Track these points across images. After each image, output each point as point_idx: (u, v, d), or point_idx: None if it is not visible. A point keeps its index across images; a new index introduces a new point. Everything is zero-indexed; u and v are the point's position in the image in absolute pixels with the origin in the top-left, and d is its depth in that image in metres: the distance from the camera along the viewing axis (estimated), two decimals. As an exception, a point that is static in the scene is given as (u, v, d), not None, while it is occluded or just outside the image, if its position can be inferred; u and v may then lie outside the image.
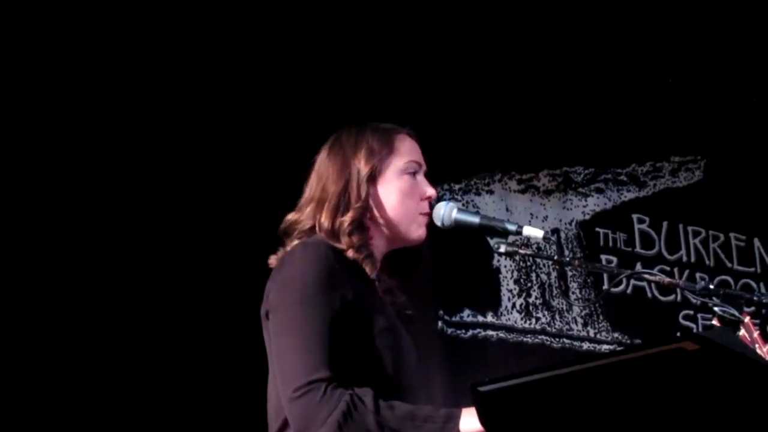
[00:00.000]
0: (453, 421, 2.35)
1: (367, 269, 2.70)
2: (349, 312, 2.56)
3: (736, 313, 2.48)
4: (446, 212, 2.85)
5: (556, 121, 5.99)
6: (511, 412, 2.04)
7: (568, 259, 2.85)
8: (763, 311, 6.13)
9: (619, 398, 1.96)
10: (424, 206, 2.84)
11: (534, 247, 3.20)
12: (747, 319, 2.52)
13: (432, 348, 5.31)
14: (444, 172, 5.48)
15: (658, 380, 1.92)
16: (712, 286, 2.53)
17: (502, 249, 2.77)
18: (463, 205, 5.49)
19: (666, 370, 1.91)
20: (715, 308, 2.49)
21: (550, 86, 5.98)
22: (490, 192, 5.82)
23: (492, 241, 2.82)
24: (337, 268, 2.61)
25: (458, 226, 2.86)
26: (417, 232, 2.83)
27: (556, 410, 2.00)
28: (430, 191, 2.85)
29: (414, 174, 2.85)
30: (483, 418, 2.14)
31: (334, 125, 3.01)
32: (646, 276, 2.74)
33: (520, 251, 2.79)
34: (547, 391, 1.98)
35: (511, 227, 2.76)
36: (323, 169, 2.83)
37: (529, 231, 2.74)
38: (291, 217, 2.81)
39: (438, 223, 2.85)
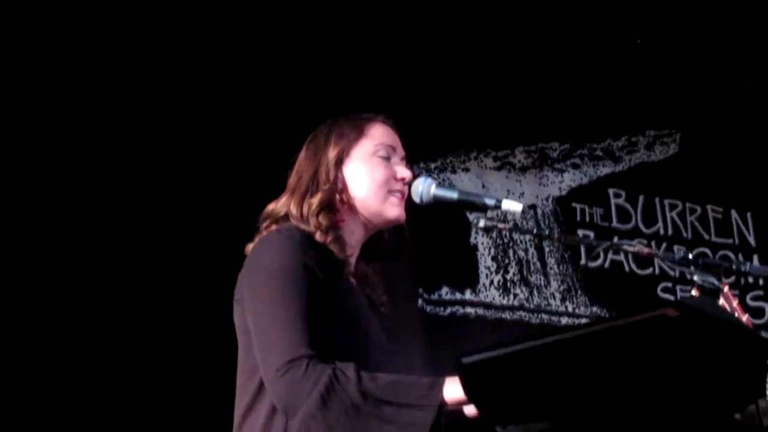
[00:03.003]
0: (437, 388, 2.37)
1: (335, 250, 2.72)
2: (321, 294, 2.58)
3: (716, 282, 2.50)
4: (425, 188, 2.86)
5: (531, 98, 6.02)
6: (495, 382, 2.05)
7: (546, 232, 2.85)
8: (742, 281, 6.19)
9: (602, 366, 1.98)
10: (398, 186, 2.85)
11: (512, 222, 3.20)
12: (726, 289, 2.54)
13: (411, 326, 5.33)
14: (419, 150, 5.48)
15: (641, 347, 1.95)
16: (690, 256, 2.55)
17: (482, 224, 2.78)
18: (440, 183, 5.49)
19: (648, 338, 1.93)
20: (695, 278, 2.51)
21: (524, 62, 6.00)
22: (466, 170, 5.84)
23: (471, 216, 2.83)
24: (309, 251, 2.63)
25: (437, 202, 2.87)
26: (392, 211, 2.85)
27: (540, 380, 2.01)
28: (403, 172, 2.86)
29: (387, 158, 2.86)
30: (467, 390, 2.16)
31: (310, 110, 3.04)
32: (625, 247, 2.76)
33: (499, 226, 2.80)
34: (530, 362, 2.00)
35: (490, 201, 2.78)
36: (301, 160, 2.89)
37: (507, 205, 2.75)
38: (268, 207, 2.85)
39: (416, 199, 2.87)
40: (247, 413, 2.62)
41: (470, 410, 2.51)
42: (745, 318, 2.56)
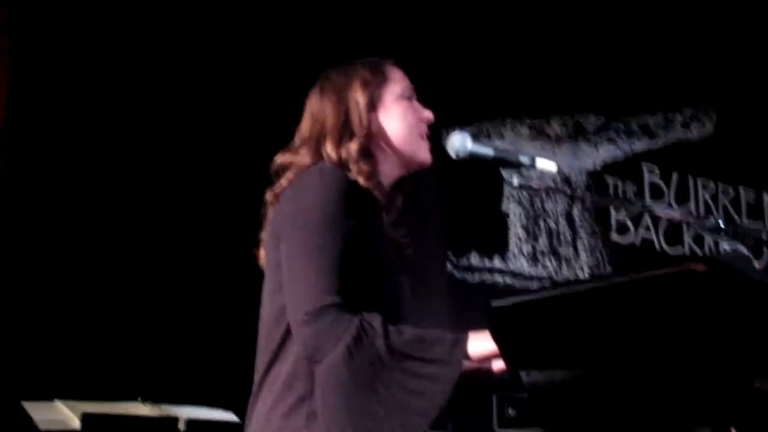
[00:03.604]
0: (461, 343, 2.37)
1: (378, 196, 2.72)
2: (359, 241, 2.58)
3: (746, 251, 2.50)
4: (461, 142, 2.84)
5: (568, 68, 6.00)
6: (521, 328, 2.07)
7: (579, 193, 2.87)
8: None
9: (628, 318, 1.99)
10: (424, 128, 2.86)
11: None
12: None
13: (439, 289, 5.35)
14: (455, 115, 5.50)
15: (667, 301, 1.96)
16: (722, 224, 2.54)
17: (516, 181, 2.79)
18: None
19: (674, 292, 1.94)
20: (725, 246, 2.51)
21: (562, 32, 5.99)
22: (501, 137, 5.84)
23: (505, 173, 2.84)
24: (353, 196, 2.62)
25: (472, 157, 2.86)
26: (424, 154, 2.83)
27: (566, 328, 2.03)
28: (429, 114, 2.87)
29: (410, 99, 2.87)
30: (495, 334, 2.18)
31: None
32: (655, 209, 2.76)
33: (533, 184, 2.81)
34: (557, 309, 2.02)
35: (525, 159, 2.76)
36: (317, 108, 2.80)
37: (542, 164, 2.75)
38: (284, 157, 2.78)
39: (452, 153, 2.84)
40: (274, 360, 2.61)
41: (497, 365, 2.54)
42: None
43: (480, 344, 2.36)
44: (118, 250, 5.26)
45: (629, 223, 6.07)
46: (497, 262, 5.67)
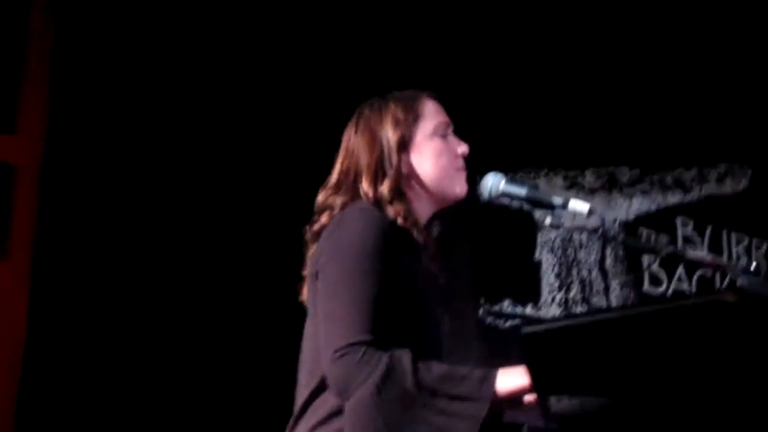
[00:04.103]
0: (489, 380, 2.39)
1: (414, 234, 2.75)
2: (396, 280, 2.60)
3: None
4: (494, 183, 2.89)
5: (603, 121, 6.02)
6: (552, 354, 2.08)
7: (612, 234, 2.88)
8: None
9: (658, 347, 2.01)
10: (460, 161, 2.88)
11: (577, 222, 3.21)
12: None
13: (471, 334, 5.37)
14: (489, 165, 5.52)
15: (699, 331, 1.97)
16: (753, 268, 2.54)
17: (548, 221, 2.80)
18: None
19: (706, 322, 1.95)
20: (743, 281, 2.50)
21: (598, 84, 6.01)
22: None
23: (537, 214, 2.85)
24: (389, 235, 2.65)
25: (505, 197, 2.89)
26: (458, 188, 2.89)
27: (597, 356, 2.04)
28: (463, 148, 2.90)
29: (444, 135, 2.89)
30: (526, 359, 2.19)
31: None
32: (690, 254, 2.77)
33: (566, 224, 2.82)
34: (589, 337, 2.03)
35: (558, 200, 2.80)
36: (352, 145, 2.87)
37: (575, 204, 2.77)
38: (324, 195, 2.86)
39: (485, 193, 2.88)
40: (319, 390, 2.65)
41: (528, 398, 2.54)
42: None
43: (509, 380, 2.37)
44: (157, 277, 5.27)
45: (662, 275, 6.05)
46: (529, 310, 5.67)
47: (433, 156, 2.83)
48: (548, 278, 5.80)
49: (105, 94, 5.45)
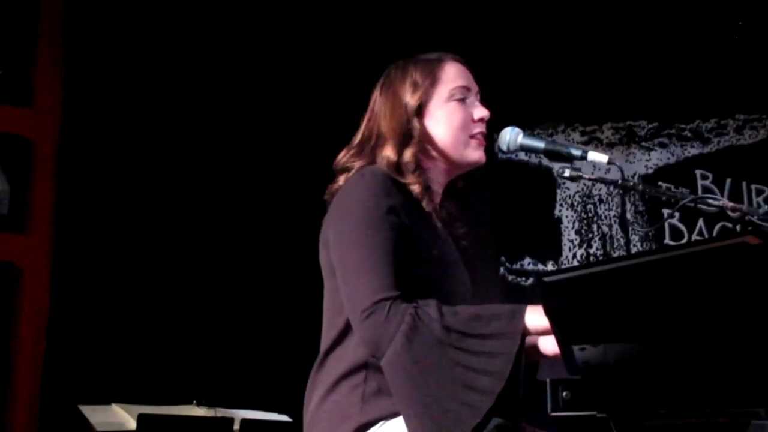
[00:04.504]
0: (518, 316, 2.37)
1: (425, 204, 2.73)
2: (405, 237, 2.59)
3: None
4: (512, 137, 2.84)
5: (621, 74, 5.99)
6: (574, 302, 2.07)
7: (631, 184, 2.84)
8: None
9: (680, 292, 1.98)
10: (477, 127, 2.83)
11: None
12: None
13: (493, 293, 5.35)
14: (507, 120, 5.50)
15: (721, 274, 1.94)
16: (775, 212, 2.51)
17: (567, 173, 2.77)
18: (526, 153, 5.49)
19: (729, 265, 1.93)
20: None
21: (614, 39, 5.98)
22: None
23: (556, 167, 2.81)
24: (395, 194, 2.64)
25: (523, 150, 2.86)
26: (473, 155, 2.82)
27: (619, 302, 2.02)
28: (481, 112, 2.83)
29: (462, 99, 2.84)
30: (547, 308, 2.17)
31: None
32: (710, 201, 2.74)
33: (584, 176, 2.79)
34: (610, 283, 2.01)
35: (576, 152, 2.76)
36: (377, 107, 2.83)
37: (594, 156, 2.74)
38: (345, 154, 2.82)
39: (503, 147, 2.84)
40: (335, 345, 2.64)
41: (550, 347, 2.53)
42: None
43: (538, 317, 2.36)
44: (172, 258, 5.32)
45: (683, 227, 6.03)
46: (550, 266, 5.65)
47: (446, 121, 2.78)
48: (568, 234, 5.78)
49: (119, 68, 5.44)
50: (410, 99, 2.78)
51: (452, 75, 2.85)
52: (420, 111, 2.78)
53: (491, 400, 2.32)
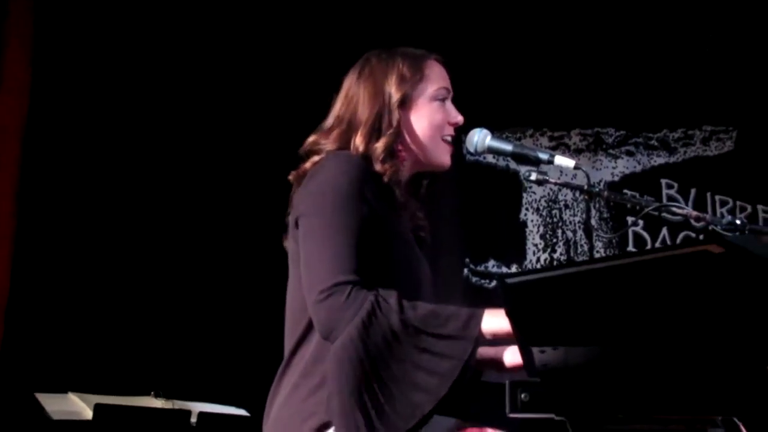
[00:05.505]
0: (475, 319, 2.38)
1: (397, 193, 2.74)
2: (373, 223, 2.59)
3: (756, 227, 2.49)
4: (480, 138, 2.85)
5: (591, 82, 6.01)
6: (536, 304, 2.07)
7: (596, 190, 2.86)
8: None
9: (642, 297, 1.99)
10: (449, 131, 2.86)
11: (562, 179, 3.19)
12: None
13: (455, 294, 5.37)
14: (477, 123, 5.51)
15: (681, 281, 1.95)
16: (738, 221, 2.53)
17: (533, 177, 2.77)
18: (494, 156, 5.50)
19: (689, 272, 1.94)
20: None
21: (585, 46, 6.01)
22: (521, 146, 5.87)
23: (523, 170, 2.82)
24: (367, 180, 2.64)
25: (491, 152, 2.87)
26: (442, 157, 2.84)
27: (580, 305, 2.03)
28: (457, 117, 2.86)
29: (443, 100, 2.87)
30: (508, 309, 2.18)
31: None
32: (674, 209, 2.75)
33: (550, 180, 2.80)
34: (571, 286, 2.02)
35: (543, 156, 2.77)
36: (353, 93, 2.83)
37: (560, 160, 2.75)
38: (315, 137, 2.82)
39: (471, 148, 2.85)
40: (299, 345, 2.63)
41: (511, 359, 2.55)
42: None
43: (495, 321, 2.36)
44: (134, 247, 5.30)
45: (646, 235, 6.07)
46: (514, 270, 5.66)
47: (429, 118, 2.80)
48: (533, 238, 5.81)
49: (90, 52, 5.41)
50: (395, 90, 2.78)
51: (437, 75, 2.88)
52: (404, 103, 2.79)
53: (434, 401, 2.32)
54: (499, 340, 2.47)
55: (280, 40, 5.68)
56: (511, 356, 2.58)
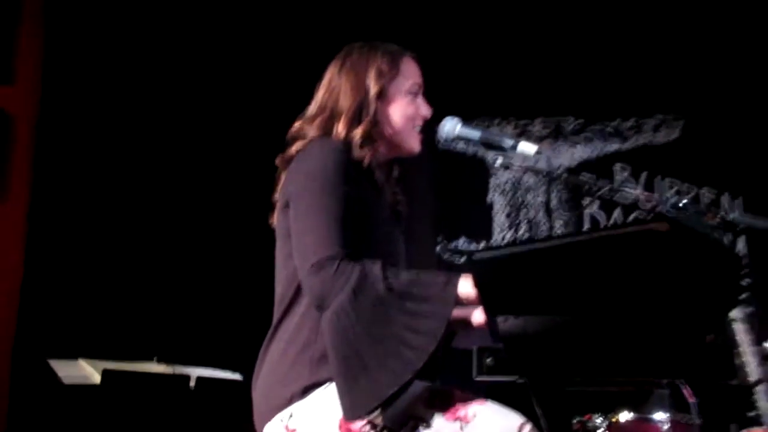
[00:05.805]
0: (452, 283, 2.41)
1: (376, 174, 2.78)
2: (357, 203, 2.63)
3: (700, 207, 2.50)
4: (451, 126, 2.90)
5: (553, 73, 6.03)
6: (500, 278, 2.09)
7: (555, 173, 2.88)
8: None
9: (596, 272, 2.01)
10: (420, 122, 2.92)
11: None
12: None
13: (430, 268, 5.39)
14: (448, 112, 5.52)
15: (632, 257, 1.97)
16: (683, 202, 2.54)
17: (499, 162, 2.80)
18: (465, 143, 5.50)
19: (640, 248, 1.96)
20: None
21: (548, 39, 6.02)
22: (488, 134, 5.89)
23: (490, 155, 2.84)
24: (350, 164, 2.68)
25: (460, 139, 2.89)
26: (414, 144, 2.92)
27: (540, 279, 2.05)
28: (427, 111, 2.94)
29: (415, 94, 2.90)
30: (476, 283, 2.19)
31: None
32: (625, 192, 2.77)
33: (515, 165, 2.82)
34: (532, 262, 2.04)
35: (508, 142, 2.80)
36: (335, 83, 2.89)
37: (523, 147, 2.77)
38: (300, 124, 2.87)
39: (442, 136, 2.89)
40: (285, 314, 2.67)
41: (478, 319, 2.56)
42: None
43: (469, 285, 2.39)
44: (141, 225, 5.29)
45: (601, 216, 6.10)
46: (482, 247, 5.69)
47: (402, 110, 2.87)
48: (499, 219, 5.83)
49: (99, 46, 5.39)
50: (374, 83, 2.84)
51: (412, 71, 2.95)
52: (382, 96, 2.83)
53: (424, 358, 2.35)
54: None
55: (265, 34, 5.66)
56: (479, 316, 2.61)
